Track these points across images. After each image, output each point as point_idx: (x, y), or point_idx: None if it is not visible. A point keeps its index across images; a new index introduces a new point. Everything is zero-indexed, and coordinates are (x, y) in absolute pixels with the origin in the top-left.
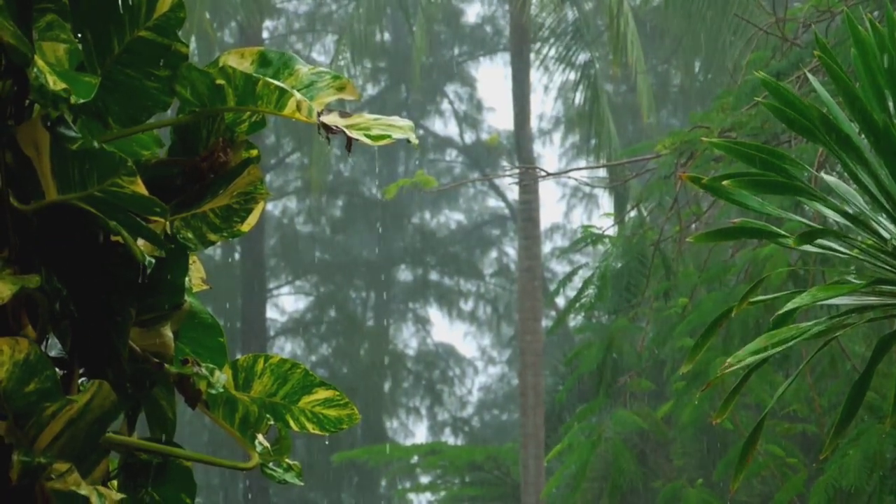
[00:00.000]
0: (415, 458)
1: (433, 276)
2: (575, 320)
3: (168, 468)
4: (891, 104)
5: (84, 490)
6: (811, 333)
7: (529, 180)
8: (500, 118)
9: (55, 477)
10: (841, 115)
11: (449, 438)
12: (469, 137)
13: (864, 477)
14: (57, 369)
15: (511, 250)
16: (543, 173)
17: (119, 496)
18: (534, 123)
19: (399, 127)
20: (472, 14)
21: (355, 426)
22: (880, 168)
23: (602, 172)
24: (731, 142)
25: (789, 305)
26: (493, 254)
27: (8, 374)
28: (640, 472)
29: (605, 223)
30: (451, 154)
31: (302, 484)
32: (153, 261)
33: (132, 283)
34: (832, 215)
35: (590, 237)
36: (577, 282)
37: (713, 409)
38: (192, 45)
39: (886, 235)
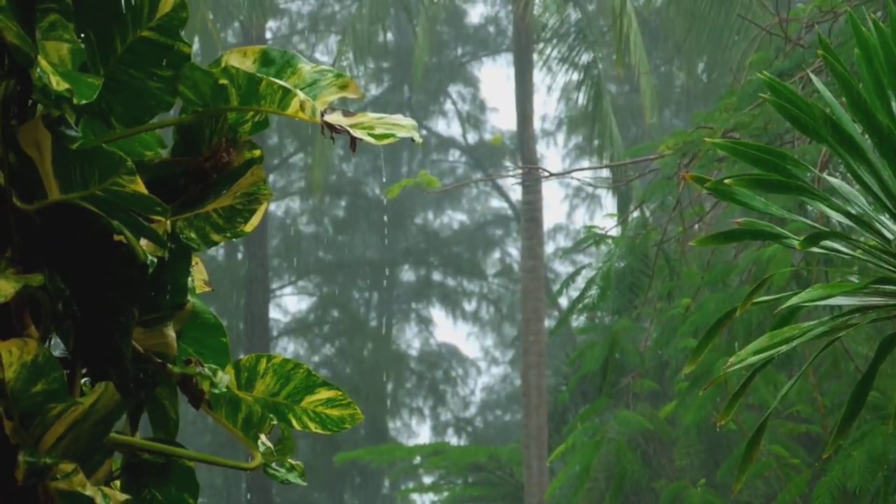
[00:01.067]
0: (418, 459)
1: (436, 276)
2: (578, 320)
3: (171, 468)
4: (894, 105)
5: (89, 490)
6: (814, 334)
7: (532, 181)
8: (503, 118)
9: (60, 477)
10: (844, 116)
11: (452, 439)
12: (472, 138)
13: (869, 477)
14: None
15: (514, 251)
16: (546, 174)
17: (124, 497)
18: (537, 124)
19: (403, 126)
20: (475, 14)
21: (358, 426)
22: (883, 168)
23: (605, 173)
24: (734, 142)
25: (792, 301)
26: (496, 254)
27: (15, 374)
28: (644, 472)
29: (608, 223)
30: (454, 154)
31: (305, 484)
32: (156, 260)
33: (135, 283)
34: (835, 216)
35: (593, 237)
36: (580, 282)
37: (716, 410)
38: (195, 45)
39: (889, 236)
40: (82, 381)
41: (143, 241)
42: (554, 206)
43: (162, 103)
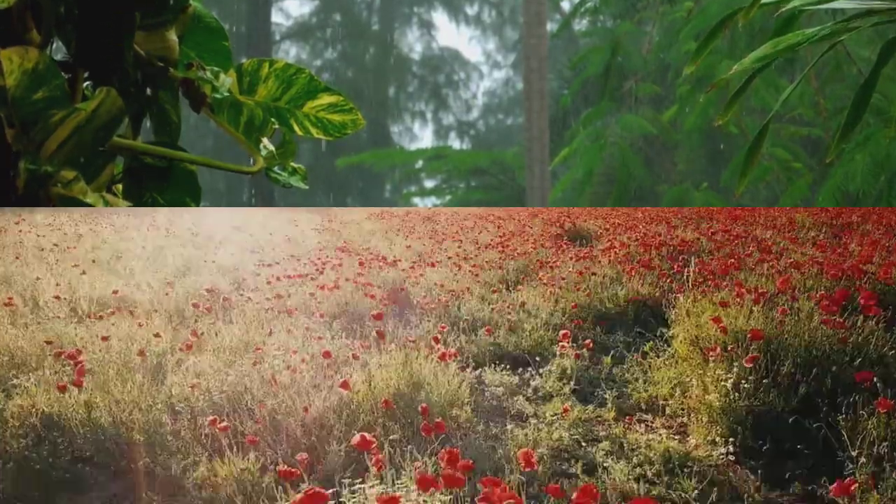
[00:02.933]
0: (420, 163)
1: None
2: (580, 24)
3: (172, 171)
4: None
5: (90, 198)
6: (816, 38)
7: None
8: None
9: (61, 185)
10: None
11: (454, 142)
12: None
13: (871, 181)
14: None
15: None
16: None
17: (125, 203)
18: None
19: None
20: None
21: (360, 131)
22: None
23: None
24: None
25: (794, 3)
26: None
27: (16, 81)
28: (647, 175)
29: None
30: None
31: (306, 188)
32: None
33: None
34: None
35: None
36: None
37: (718, 114)
38: None
39: None
40: (84, 85)
41: None
42: None
43: None
